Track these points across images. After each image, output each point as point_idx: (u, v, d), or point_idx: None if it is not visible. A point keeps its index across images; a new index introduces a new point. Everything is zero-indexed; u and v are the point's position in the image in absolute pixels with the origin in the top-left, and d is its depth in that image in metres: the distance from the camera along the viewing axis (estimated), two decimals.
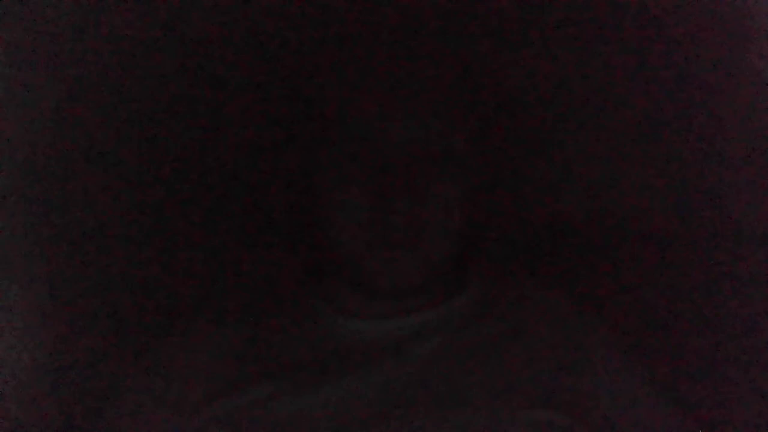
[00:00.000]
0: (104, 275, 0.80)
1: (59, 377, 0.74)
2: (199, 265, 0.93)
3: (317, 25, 0.92)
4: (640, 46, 0.95)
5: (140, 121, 0.85)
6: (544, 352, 0.72)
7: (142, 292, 0.86)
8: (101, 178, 0.80)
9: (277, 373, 0.70)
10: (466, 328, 0.74)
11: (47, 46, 0.70)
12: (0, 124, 0.66)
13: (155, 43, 0.85)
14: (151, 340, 0.75)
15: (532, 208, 0.98)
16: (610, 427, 0.70)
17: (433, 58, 0.74)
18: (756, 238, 0.94)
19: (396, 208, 0.68)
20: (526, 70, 1.00)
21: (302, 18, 0.91)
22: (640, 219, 0.98)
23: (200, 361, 0.71)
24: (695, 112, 0.98)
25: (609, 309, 0.89)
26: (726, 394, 0.86)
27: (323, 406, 0.67)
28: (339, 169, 0.70)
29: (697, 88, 0.98)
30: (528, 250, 0.96)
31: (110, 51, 0.78)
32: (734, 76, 0.97)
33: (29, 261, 0.70)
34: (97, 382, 0.76)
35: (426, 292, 0.73)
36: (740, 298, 0.91)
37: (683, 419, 0.74)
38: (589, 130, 0.99)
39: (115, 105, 0.81)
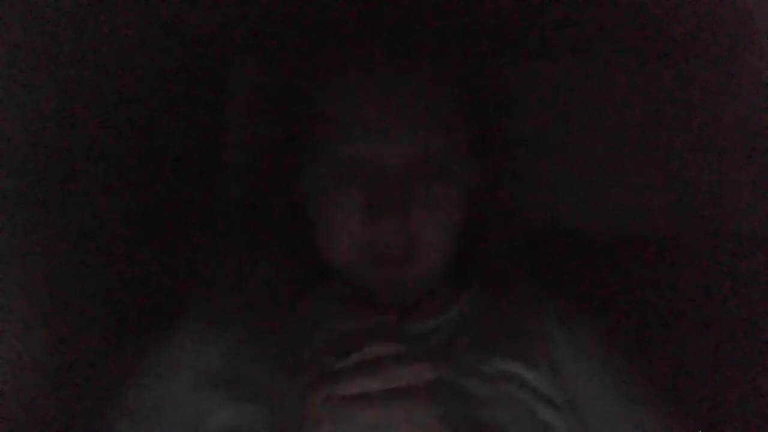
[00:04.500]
0: (104, 275, 0.80)
1: (59, 377, 0.74)
2: (199, 265, 0.93)
3: (317, 25, 0.92)
4: (640, 46, 0.95)
5: (140, 121, 0.85)
6: (544, 352, 0.72)
7: (142, 292, 0.86)
8: (101, 178, 0.80)
9: (276, 373, 0.70)
10: (466, 329, 0.74)
11: (47, 46, 0.70)
12: (0, 124, 0.66)
13: (155, 43, 0.84)
14: (151, 340, 0.75)
15: (532, 208, 0.98)
16: (610, 427, 0.70)
17: (433, 58, 0.74)
18: (756, 238, 0.94)
19: (396, 208, 0.68)
20: (526, 70, 1.00)
21: (302, 18, 0.91)
22: (640, 219, 0.98)
23: (200, 361, 0.71)
24: (695, 112, 0.98)
25: (609, 309, 0.89)
26: (726, 394, 0.86)
27: (322, 407, 0.67)
28: (338, 170, 0.70)
29: (697, 88, 0.98)
30: (528, 251, 0.96)
31: (110, 51, 0.78)
32: (734, 76, 0.97)
33: (29, 261, 0.70)
34: (97, 382, 0.76)
35: (425, 293, 0.73)
36: (740, 298, 0.91)
37: (683, 419, 0.74)
38: (589, 130, 1.00)
39: (115, 105, 0.81)
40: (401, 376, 0.56)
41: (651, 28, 0.90)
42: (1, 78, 0.65)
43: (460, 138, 0.72)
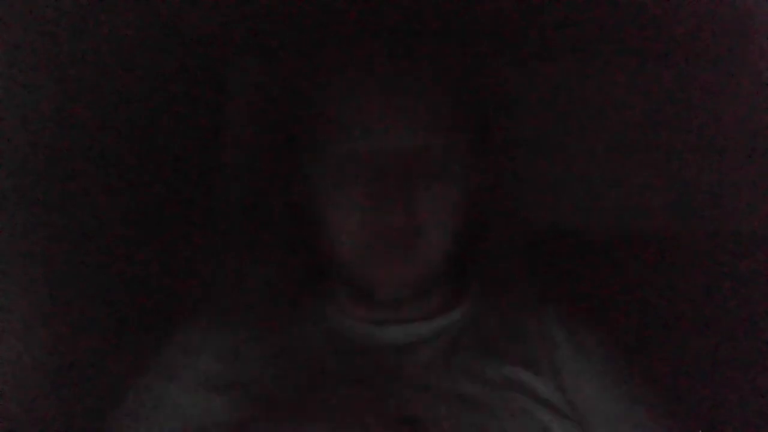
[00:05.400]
0: (104, 275, 0.80)
1: (59, 377, 0.74)
2: (199, 265, 0.93)
3: (317, 25, 0.92)
4: (640, 46, 0.95)
5: (140, 121, 0.85)
6: (544, 353, 0.72)
7: (142, 292, 0.86)
8: (101, 178, 0.80)
9: (276, 373, 0.70)
10: (466, 329, 0.74)
11: (47, 46, 0.70)
12: (0, 124, 0.66)
13: (155, 43, 0.85)
14: (151, 340, 0.75)
15: (532, 208, 0.98)
16: (610, 427, 0.70)
17: (433, 58, 0.74)
18: (756, 238, 0.94)
19: (395, 208, 0.68)
20: (526, 70, 1.00)
21: (302, 18, 0.91)
22: (640, 219, 0.98)
23: (200, 361, 0.71)
24: (695, 112, 0.98)
25: (609, 309, 0.89)
26: (726, 394, 0.86)
27: (323, 407, 0.67)
28: (339, 170, 0.70)
29: (697, 88, 0.98)
30: (528, 251, 0.96)
31: (110, 51, 0.78)
32: (734, 76, 0.97)
33: (29, 261, 0.70)
34: (97, 382, 0.76)
35: (425, 293, 0.73)
36: (740, 298, 0.91)
37: (683, 419, 0.74)
38: (589, 130, 0.99)
39: (115, 105, 0.81)
40: None
41: (651, 28, 0.90)
42: (1, 78, 0.65)
43: (460, 138, 0.72)
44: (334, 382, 0.69)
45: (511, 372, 0.70)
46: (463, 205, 0.72)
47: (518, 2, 0.86)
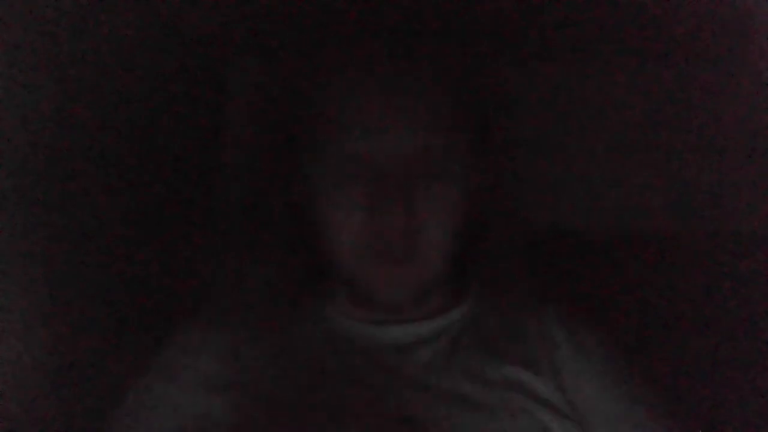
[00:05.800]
0: (104, 275, 0.80)
1: (59, 377, 0.74)
2: (199, 265, 0.94)
3: (317, 25, 0.92)
4: (640, 46, 0.95)
5: (140, 121, 0.85)
6: (544, 353, 0.72)
7: (142, 292, 0.86)
8: (101, 178, 0.80)
9: (276, 373, 0.70)
10: (466, 329, 0.74)
11: (47, 46, 0.70)
12: (0, 124, 0.66)
13: (155, 43, 0.85)
14: (151, 340, 0.75)
15: (532, 208, 0.99)
16: (610, 427, 0.70)
17: (433, 58, 0.74)
18: (756, 238, 0.94)
19: (396, 207, 0.68)
20: (526, 71, 1.00)
21: (302, 18, 0.91)
22: (640, 219, 0.98)
23: (200, 361, 0.71)
24: (695, 112, 0.98)
25: (609, 309, 0.89)
26: (726, 394, 0.87)
27: (323, 407, 0.67)
28: (339, 170, 0.70)
29: (697, 88, 0.98)
30: (528, 251, 0.96)
31: (110, 51, 0.78)
32: (734, 76, 0.97)
33: (29, 261, 0.70)
34: (97, 382, 0.76)
35: (425, 293, 0.73)
36: (740, 298, 0.91)
37: (683, 419, 0.74)
38: (589, 130, 1.00)
39: (115, 105, 0.81)
40: None
41: (651, 28, 0.90)
42: (1, 78, 0.65)
43: (460, 138, 0.72)
44: (334, 382, 0.69)
45: (511, 372, 0.70)
46: (463, 205, 0.72)
47: (518, 2, 0.86)
